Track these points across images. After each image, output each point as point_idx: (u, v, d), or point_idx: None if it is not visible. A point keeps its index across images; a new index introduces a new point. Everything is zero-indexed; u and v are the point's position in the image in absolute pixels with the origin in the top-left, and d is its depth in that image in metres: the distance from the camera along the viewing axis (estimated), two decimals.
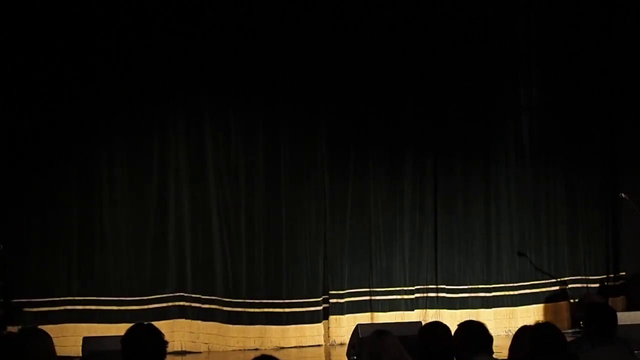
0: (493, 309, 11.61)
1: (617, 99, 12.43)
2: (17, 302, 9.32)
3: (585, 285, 12.12)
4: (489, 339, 4.97)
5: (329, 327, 11.02)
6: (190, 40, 10.67)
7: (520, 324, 6.52)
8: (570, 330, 11.18)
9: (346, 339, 9.92)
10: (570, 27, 12.26)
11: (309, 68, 11.13)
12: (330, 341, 10.99)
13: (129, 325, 4.76)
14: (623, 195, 11.57)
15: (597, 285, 12.15)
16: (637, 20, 12.32)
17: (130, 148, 10.51)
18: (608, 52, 12.40)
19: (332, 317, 11.07)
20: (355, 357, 8.87)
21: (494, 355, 5.09)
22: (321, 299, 11.03)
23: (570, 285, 12.05)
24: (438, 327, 4.89)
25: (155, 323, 4.94)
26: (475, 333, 4.95)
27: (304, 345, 10.83)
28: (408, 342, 5.05)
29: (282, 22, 11.01)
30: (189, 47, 10.66)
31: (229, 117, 10.91)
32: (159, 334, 4.58)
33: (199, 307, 10.56)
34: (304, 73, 11.12)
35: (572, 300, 11.83)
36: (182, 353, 10.31)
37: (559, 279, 12.00)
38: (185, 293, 10.50)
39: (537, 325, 5.17)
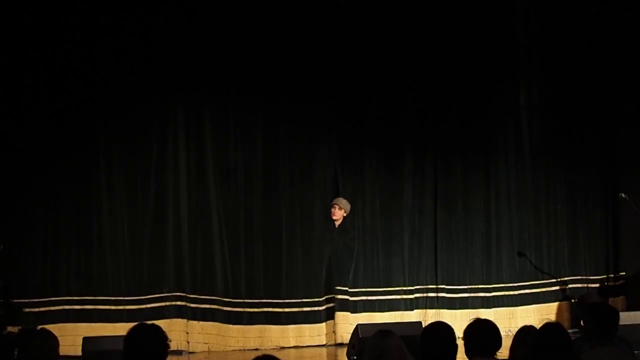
0: (493, 309, 11.59)
1: (617, 99, 12.42)
2: (17, 302, 9.33)
3: (585, 285, 12.11)
4: (499, 340, 4.96)
5: (335, 329, 10.96)
6: (189, 40, 10.65)
7: (520, 324, 6.51)
8: (570, 331, 11.16)
9: (346, 339, 9.94)
10: (570, 27, 12.25)
11: (308, 68, 11.14)
12: (335, 340, 10.95)
13: (127, 325, 4.76)
14: (623, 195, 11.57)
15: (597, 285, 12.14)
16: (637, 20, 12.32)
17: (129, 147, 10.50)
18: (608, 52, 12.40)
19: (335, 317, 11.03)
20: (355, 357, 8.88)
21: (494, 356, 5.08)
22: (322, 299, 11.02)
23: (570, 285, 12.05)
24: (442, 328, 4.88)
25: (154, 323, 4.93)
26: (488, 334, 4.94)
27: (303, 345, 10.83)
28: (408, 342, 5.05)
29: (282, 21, 11.01)
30: (187, 46, 10.65)
31: (229, 116, 10.90)
32: (161, 333, 4.58)
33: (198, 307, 10.55)
34: (303, 73, 11.12)
35: (572, 300, 11.83)
36: (179, 352, 10.28)
37: (558, 279, 12.00)
38: (185, 293, 10.50)
39: (545, 325, 5.17)
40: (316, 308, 10.97)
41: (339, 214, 11.10)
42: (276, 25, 10.97)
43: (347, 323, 10.81)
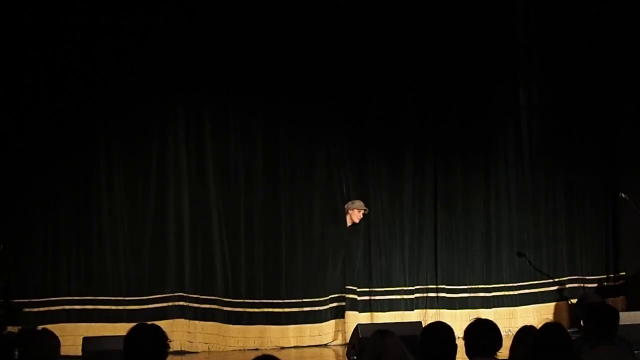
0: (493, 309, 11.59)
1: (617, 99, 12.43)
2: (17, 302, 9.33)
3: (582, 285, 12.11)
4: (499, 340, 4.96)
5: (344, 328, 10.92)
6: (189, 40, 10.65)
7: (520, 324, 6.52)
8: (570, 330, 11.17)
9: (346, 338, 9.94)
10: (570, 27, 12.26)
11: (308, 68, 11.13)
12: (345, 339, 10.94)
13: (127, 325, 4.76)
14: (623, 195, 11.58)
15: (596, 285, 12.14)
16: (637, 20, 12.32)
17: (129, 147, 10.50)
18: (608, 52, 12.40)
19: (345, 317, 11.04)
20: (355, 357, 8.88)
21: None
22: (325, 298, 11.01)
23: (569, 285, 12.05)
24: (441, 328, 4.89)
25: (154, 323, 4.93)
26: (488, 334, 4.94)
27: (304, 345, 10.83)
28: (408, 342, 5.05)
29: (282, 21, 11.00)
30: (187, 46, 10.64)
31: (229, 116, 10.90)
32: (161, 333, 4.59)
33: (199, 307, 10.55)
34: (303, 73, 11.11)
35: (570, 301, 11.82)
36: (182, 353, 10.29)
37: (558, 279, 12.00)
38: (185, 293, 10.50)
39: (545, 325, 5.18)
40: (316, 308, 10.96)
41: (361, 216, 11.18)
42: (276, 25, 10.97)
43: (353, 322, 10.79)
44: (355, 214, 11.17)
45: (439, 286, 11.52)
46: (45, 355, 4.71)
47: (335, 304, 11.07)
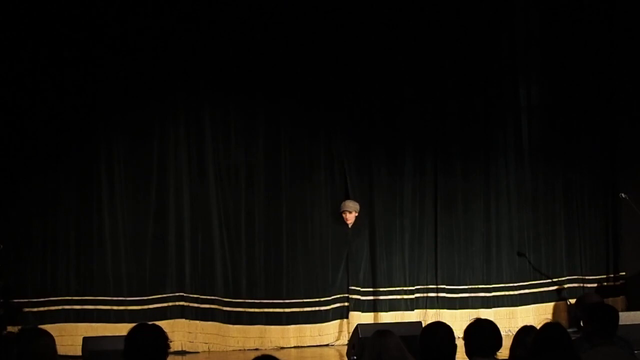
0: (493, 309, 11.58)
1: (617, 99, 12.41)
2: (17, 302, 9.33)
3: (582, 285, 12.10)
4: (499, 340, 4.96)
5: (348, 328, 10.92)
6: (190, 39, 10.66)
7: (520, 324, 6.53)
8: (569, 330, 11.15)
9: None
10: (570, 27, 12.25)
11: (309, 68, 11.13)
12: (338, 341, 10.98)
13: (128, 325, 4.76)
14: (623, 195, 11.58)
15: (596, 285, 12.14)
16: (637, 20, 12.32)
17: (129, 147, 10.50)
18: (608, 52, 12.39)
19: (349, 317, 11.04)
20: (355, 357, 8.87)
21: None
22: (327, 298, 11.01)
23: (568, 285, 12.04)
24: (440, 328, 4.89)
25: (154, 323, 4.94)
26: (488, 334, 4.94)
27: (304, 345, 10.83)
28: (408, 342, 5.05)
29: (282, 21, 11.00)
30: (188, 46, 10.65)
31: (230, 116, 10.91)
32: (162, 333, 4.59)
33: (199, 307, 10.56)
34: (304, 73, 11.11)
35: (569, 301, 11.81)
36: (182, 353, 10.30)
37: (558, 279, 12.00)
38: (185, 293, 10.50)
39: (545, 325, 5.18)
40: (318, 308, 10.96)
41: (351, 218, 11.15)
42: (276, 25, 10.97)
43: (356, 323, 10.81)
44: (346, 216, 11.15)
45: (439, 286, 11.52)
46: (42, 355, 4.70)
47: (338, 305, 11.08)
